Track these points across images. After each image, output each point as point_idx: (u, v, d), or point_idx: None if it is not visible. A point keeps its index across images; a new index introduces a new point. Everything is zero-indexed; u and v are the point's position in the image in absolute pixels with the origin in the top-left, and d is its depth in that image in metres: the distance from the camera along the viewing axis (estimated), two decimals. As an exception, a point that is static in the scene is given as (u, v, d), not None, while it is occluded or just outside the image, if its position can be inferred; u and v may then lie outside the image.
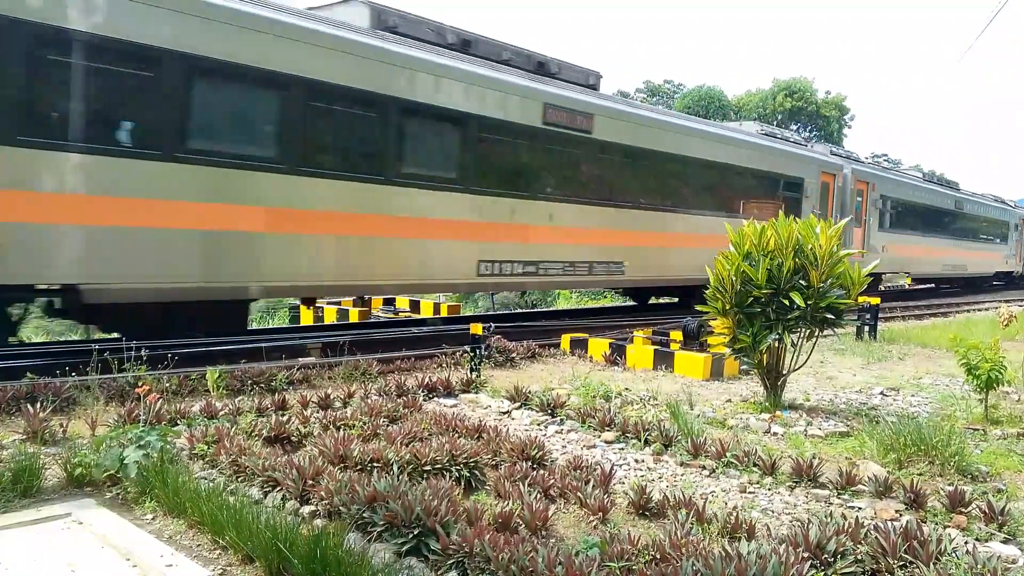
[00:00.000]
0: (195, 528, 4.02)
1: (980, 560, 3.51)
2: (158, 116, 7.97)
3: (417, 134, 10.39)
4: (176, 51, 7.92)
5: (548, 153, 12.01)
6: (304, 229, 9.14)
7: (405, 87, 9.99)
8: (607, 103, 13.31)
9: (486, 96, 10.96)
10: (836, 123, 39.90)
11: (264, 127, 8.95)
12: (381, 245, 10.02)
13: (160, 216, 7.97)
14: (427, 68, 10.29)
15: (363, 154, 9.92)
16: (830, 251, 6.69)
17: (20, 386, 6.30)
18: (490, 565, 3.34)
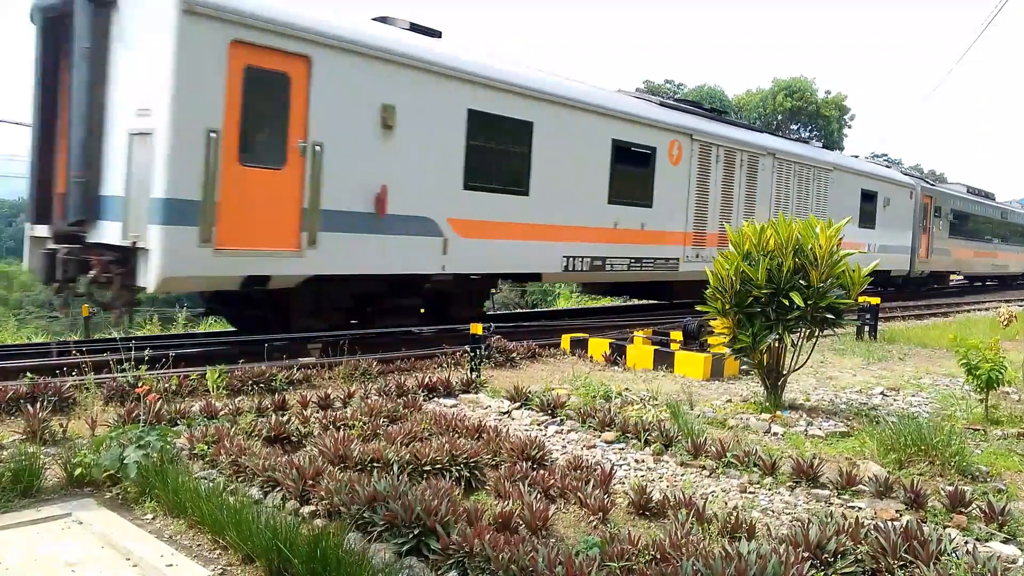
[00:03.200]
0: (195, 528, 4.02)
1: (980, 560, 3.51)
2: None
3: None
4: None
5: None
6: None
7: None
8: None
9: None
10: (836, 123, 39.88)
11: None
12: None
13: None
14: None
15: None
16: (830, 251, 6.69)
17: (20, 386, 6.29)
18: (490, 565, 3.34)
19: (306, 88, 8.25)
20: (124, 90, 7.76)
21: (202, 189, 7.50)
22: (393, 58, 9.09)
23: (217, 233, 7.68)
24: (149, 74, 7.45)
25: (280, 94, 8.09)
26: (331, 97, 8.46)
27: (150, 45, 7.45)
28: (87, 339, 10.69)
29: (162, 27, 7.29)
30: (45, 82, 8.52)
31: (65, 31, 8.13)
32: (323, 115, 8.39)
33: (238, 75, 7.72)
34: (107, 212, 7.90)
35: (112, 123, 7.84)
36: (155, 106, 7.35)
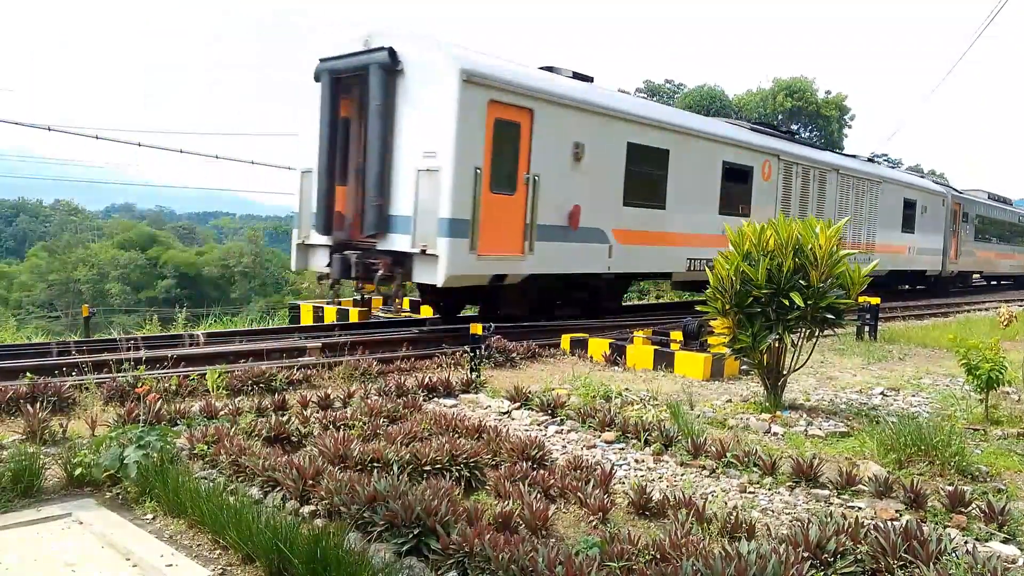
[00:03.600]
0: (195, 528, 4.02)
1: (980, 560, 3.51)
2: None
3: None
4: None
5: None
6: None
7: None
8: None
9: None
10: (836, 123, 39.86)
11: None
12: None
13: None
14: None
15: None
16: (830, 251, 6.69)
17: (20, 386, 6.30)
18: (490, 565, 3.34)
19: (529, 133, 10.64)
20: (410, 138, 9.98)
21: (470, 211, 9.84)
22: (583, 106, 11.60)
23: (478, 243, 10.01)
24: (434, 126, 9.70)
25: (514, 138, 10.47)
26: (544, 139, 10.83)
27: (435, 104, 9.67)
28: (87, 339, 10.69)
29: (446, 92, 9.57)
30: (332, 130, 10.67)
31: (346, 89, 10.58)
32: (539, 153, 10.78)
33: (491, 125, 10.07)
34: (395, 227, 10.17)
35: (399, 162, 10.11)
36: (440, 150, 9.64)
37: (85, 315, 13.15)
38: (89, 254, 45.88)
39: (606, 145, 12.00)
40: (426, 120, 9.77)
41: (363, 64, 10.11)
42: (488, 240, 10.13)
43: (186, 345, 9.67)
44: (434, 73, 9.76)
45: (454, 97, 9.52)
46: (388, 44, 10.03)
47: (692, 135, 13.80)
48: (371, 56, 10.06)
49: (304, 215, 11.45)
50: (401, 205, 10.07)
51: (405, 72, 9.94)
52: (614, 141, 12.16)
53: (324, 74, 10.62)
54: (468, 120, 9.65)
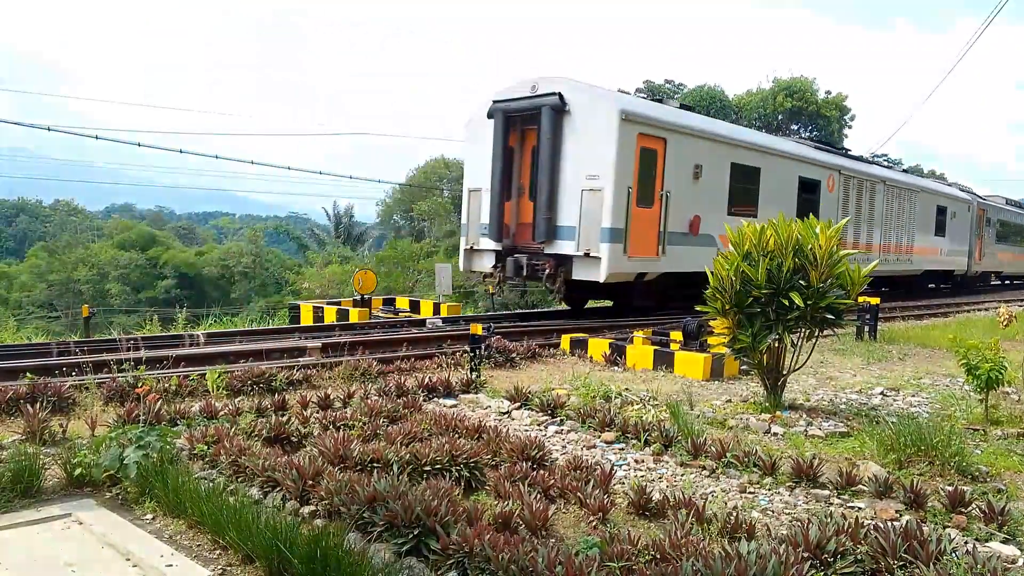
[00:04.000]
0: (195, 528, 4.02)
1: (980, 560, 3.51)
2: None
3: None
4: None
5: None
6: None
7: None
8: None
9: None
10: (836, 123, 39.84)
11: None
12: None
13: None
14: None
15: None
16: (829, 251, 6.69)
17: (20, 386, 6.30)
18: (490, 565, 3.34)
19: (663, 157, 13.03)
20: (575, 163, 12.31)
21: (624, 221, 12.14)
22: (700, 135, 14.08)
23: (629, 247, 12.35)
24: (597, 154, 12.04)
25: (653, 162, 12.82)
26: (673, 162, 13.21)
27: (598, 137, 12.02)
28: (87, 339, 10.69)
29: (608, 128, 11.96)
30: (504, 158, 13.12)
31: (514, 124, 13.04)
32: (670, 173, 13.16)
33: (638, 153, 12.44)
34: (561, 235, 12.54)
35: (565, 183, 12.44)
36: (602, 173, 12.02)
37: (85, 315, 13.16)
38: (89, 254, 45.87)
39: (716, 165, 14.49)
40: (590, 149, 12.16)
41: (534, 106, 12.56)
42: (635, 245, 12.57)
43: (186, 345, 9.67)
44: (597, 113, 12.17)
45: (615, 132, 11.95)
46: (556, 90, 12.46)
47: (776, 155, 16.37)
48: (542, 99, 12.45)
49: (472, 225, 13.96)
50: (566, 217, 12.48)
51: (571, 112, 12.33)
52: (722, 162, 14.68)
53: (497, 113, 13.06)
54: (624, 149, 12.10)
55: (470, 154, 14.17)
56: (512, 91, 13.26)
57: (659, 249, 13.12)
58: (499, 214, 13.20)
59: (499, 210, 13.20)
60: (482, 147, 13.41)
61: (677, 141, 13.29)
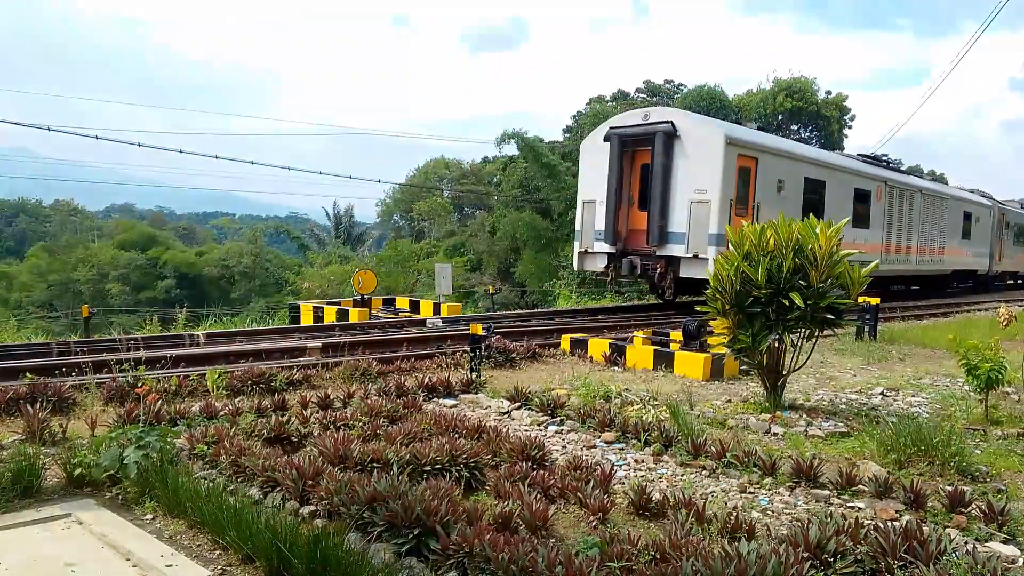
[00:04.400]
0: (195, 528, 4.02)
1: (980, 560, 3.51)
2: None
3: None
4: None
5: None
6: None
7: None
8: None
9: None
10: (836, 123, 39.81)
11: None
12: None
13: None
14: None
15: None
16: (830, 251, 6.68)
17: (20, 386, 6.29)
18: (490, 565, 3.34)
19: (755, 173, 15.12)
20: (684, 180, 14.43)
21: (725, 227, 12.89)
22: (782, 154, 16.45)
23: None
24: (704, 172, 14.20)
25: (748, 178, 14.93)
26: (762, 177, 15.32)
27: (705, 158, 14.19)
28: (87, 339, 10.69)
29: (715, 150, 14.14)
30: (619, 175, 15.39)
31: (627, 146, 15.33)
32: (760, 187, 15.23)
33: (736, 170, 14.50)
34: (671, 240, 14.60)
35: (675, 196, 14.53)
36: (709, 188, 14.11)
37: (85, 315, 13.16)
38: (89, 254, 45.85)
39: (794, 180, 16.73)
40: (698, 167, 14.29)
41: (648, 132, 14.79)
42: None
43: (186, 345, 9.67)
44: (705, 138, 14.43)
45: (720, 153, 14.11)
46: (669, 119, 14.88)
47: (837, 169, 18.65)
48: (655, 126, 14.71)
49: (586, 232, 16.08)
50: (676, 225, 14.61)
51: (681, 137, 14.52)
52: (797, 177, 16.88)
53: (613, 137, 15.41)
54: (727, 168, 14.19)
55: (585, 171, 16.34)
56: (625, 119, 15.93)
57: None
58: (614, 222, 15.42)
59: (614, 219, 15.42)
60: (598, 166, 15.64)
61: (765, 160, 15.58)
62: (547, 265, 38.51)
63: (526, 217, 38.44)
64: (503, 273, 41.73)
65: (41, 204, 77.47)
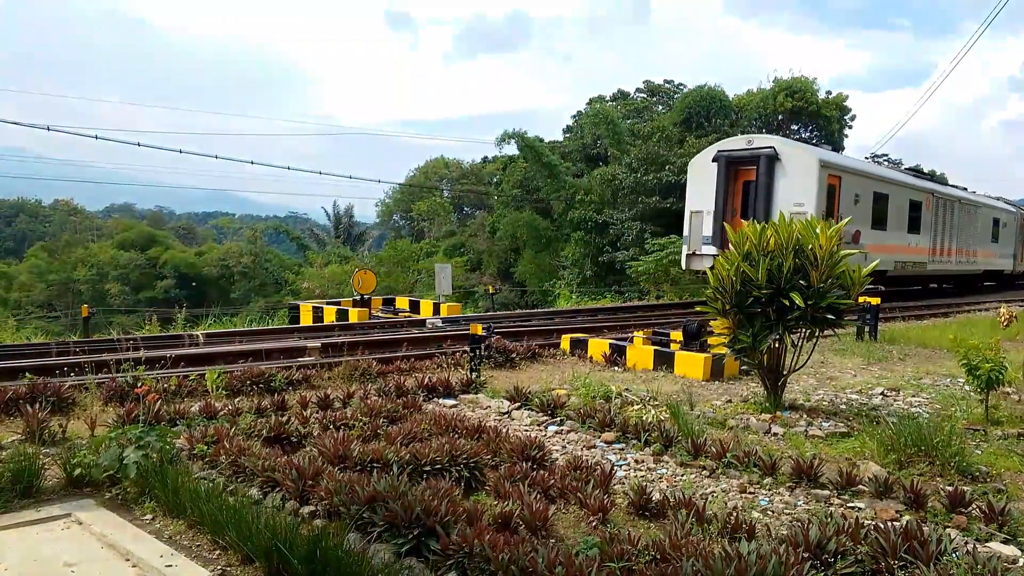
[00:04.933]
0: (195, 528, 4.02)
1: (980, 560, 3.51)
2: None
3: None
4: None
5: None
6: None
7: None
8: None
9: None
10: (837, 123, 39.70)
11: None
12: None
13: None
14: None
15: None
16: (830, 251, 6.68)
17: (19, 386, 6.29)
18: (490, 565, 3.33)
19: (839, 190, 17.93)
20: (784, 195, 16.97)
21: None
22: (857, 173, 19.30)
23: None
24: (801, 189, 16.83)
25: (833, 193, 17.72)
26: (844, 192, 18.17)
27: (802, 177, 16.90)
28: (86, 339, 10.69)
29: (811, 172, 16.92)
30: (725, 189, 17.93)
31: (732, 166, 17.90)
32: (842, 201, 18.03)
33: (826, 187, 17.28)
34: None
35: (776, 208, 16.31)
36: (806, 202, 16.60)
37: (84, 315, 13.16)
38: (88, 254, 45.84)
39: (866, 194, 19.44)
40: (795, 186, 16.99)
41: (752, 155, 17.50)
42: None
43: (186, 345, 9.67)
44: (802, 161, 17.27)
45: (815, 173, 16.95)
46: (771, 144, 17.61)
47: (897, 184, 21.50)
48: (758, 150, 17.47)
49: (693, 237, 18.46)
50: None
51: (781, 160, 17.20)
52: (868, 191, 19.58)
53: (720, 158, 17.94)
54: (820, 186, 16.99)
55: (693, 186, 18.78)
56: (731, 143, 18.81)
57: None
58: (720, 229, 17.51)
59: (720, 226, 17.54)
60: (706, 181, 18.16)
61: (846, 178, 18.48)
62: (547, 265, 38.53)
63: (526, 217, 38.46)
64: (503, 273, 41.74)
65: (41, 204, 77.43)
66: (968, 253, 26.35)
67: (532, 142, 36.94)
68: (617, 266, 33.80)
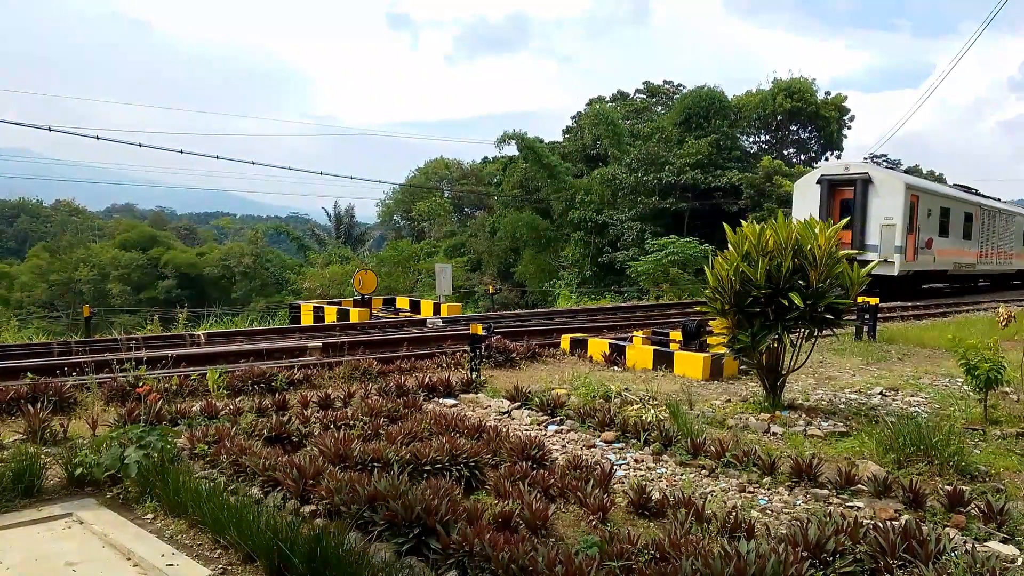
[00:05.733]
0: (196, 527, 4.03)
1: (979, 559, 3.52)
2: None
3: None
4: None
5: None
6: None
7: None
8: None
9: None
10: (835, 123, 39.70)
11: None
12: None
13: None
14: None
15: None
16: (829, 251, 6.69)
17: (21, 386, 6.31)
18: (490, 564, 3.35)
19: (916, 205, 21.80)
20: (876, 211, 21.04)
21: (904, 242, 21.02)
22: (928, 191, 23.49)
23: (907, 255, 21.45)
24: (891, 206, 20.94)
25: (914, 209, 21.53)
26: (921, 208, 22.12)
27: (891, 197, 20.97)
28: (88, 339, 10.71)
29: (899, 193, 20.99)
30: (827, 205, 21.48)
31: (832, 187, 21.76)
32: (919, 215, 22.11)
33: (908, 204, 21.14)
34: (868, 248, 20.55)
35: (870, 221, 21.08)
36: (895, 216, 20.85)
37: (86, 315, 13.18)
38: (90, 254, 45.87)
39: (935, 209, 23.58)
40: (886, 204, 21.08)
41: (849, 179, 21.62)
42: (908, 254, 21.65)
43: (187, 345, 9.69)
44: (891, 185, 21.42)
45: (902, 194, 21.11)
46: (865, 171, 21.66)
47: (955, 199, 25.73)
48: (855, 175, 21.53)
49: None
50: (871, 239, 21.17)
51: (874, 183, 21.26)
52: (937, 207, 23.72)
53: (823, 181, 21.91)
54: (905, 203, 21.07)
55: (799, 201, 22.59)
56: (831, 168, 23.17)
57: (914, 257, 22.42)
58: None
59: None
60: (809, 198, 22.00)
61: (922, 197, 22.70)
62: (547, 265, 38.54)
63: (526, 217, 38.47)
64: (503, 273, 41.75)
65: (42, 204, 77.46)
66: (1005, 256, 30.84)
67: (532, 143, 36.95)
68: (617, 266, 33.83)
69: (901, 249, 21.19)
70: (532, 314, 16.94)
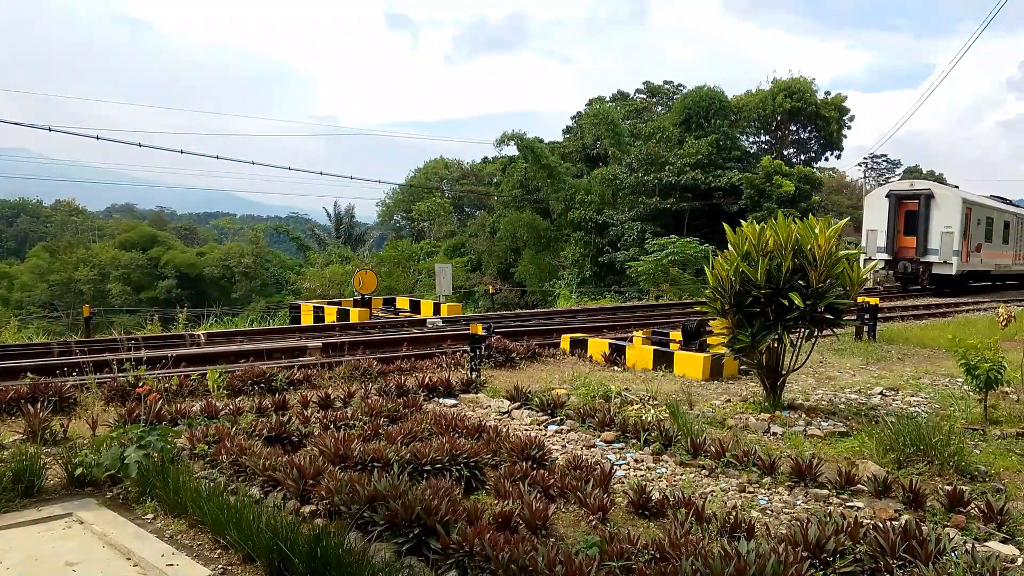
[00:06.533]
0: (196, 527, 4.03)
1: (979, 559, 3.52)
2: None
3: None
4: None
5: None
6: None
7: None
8: None
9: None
10: (836, 123, 39.70)
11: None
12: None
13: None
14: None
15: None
16: (829, 251, 6.69)
17: (21, 386, 6.31)
18: (490, 564, 3.35)
19: (969, 216, 25.90)
20: (937, 222, 25.25)
21: (960, 246, 25.21)
22: (980, 204, 27.51)
23: (963, 257, 25.52)
24: (950, 218, 25.18)
25: (967, 219, 25.68)
26: (973, 219, 26.33)
27: (950, 209, 25.20)
28: (88, 339, 10.71)
29: (956, 207, 25.22)
30: (894, 216, 25.80)
31: (899, 200, 25.79)
32: (971, 224, 26.21)
33: (963, 215, 25.31)
34: (930, 253, 25.18)
35: (932, 230, 25.19)
36: (953, 225, 25.08)
37: (86, 315, 13.18)
38: (90, 254, 45.84)
39: (983, 218, 27.20)
40: (946, 216, 24.80)
41: (913, 194, 25.36)
42: (963, 257, 25.11)
43: (187, 345, 9.69)
44: (951, 199, 25.24)
45: (959, 208, 24.81)
46: (928, 187, 25.99)
47: (997, 210, 29.15)
48: (919, 191, 25.42)
49: (869, 247, 25.70)
50: (933, 244, 24.86)
51: (935, 198, 25.05)
52: (984, 216, 27.36)
53: (891, 196, 25.62)
54: (962, 215, 24.81)
55: (869, 212, 26.35)
56: (897, 185, 27.20)
57: (968, 258, 25.80)
58: (893, 242, 25.73)
59: (893, 241, 25.75)
60: (879, 210, 25.92)
61: (974, 209, 26.40)
62: (547, 265, 38.55)
63: (526, 217, 38.48)
64: (503, 273, 41.75)
65: (42, 204, 77.46)
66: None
67: (531, 143, 36.94)
68: (617, 266, 33.83)
69: (958, 253, 25.34)
70: (532, 314, 16.94)
